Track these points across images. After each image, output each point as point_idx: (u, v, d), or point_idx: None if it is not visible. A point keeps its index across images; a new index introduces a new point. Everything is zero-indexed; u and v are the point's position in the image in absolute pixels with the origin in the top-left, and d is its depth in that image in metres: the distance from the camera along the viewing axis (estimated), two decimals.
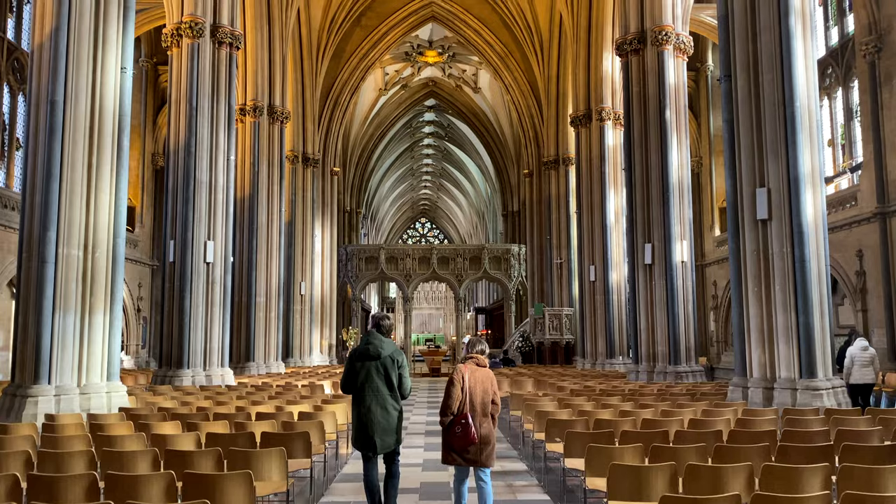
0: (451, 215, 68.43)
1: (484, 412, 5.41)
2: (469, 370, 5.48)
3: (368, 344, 5.67)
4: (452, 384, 5.41)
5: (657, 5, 16.06)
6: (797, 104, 10.00)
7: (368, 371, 5.60)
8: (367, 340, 5.70)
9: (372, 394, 5.57)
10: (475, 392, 5.41)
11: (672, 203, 15.61)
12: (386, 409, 5.56)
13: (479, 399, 5.41)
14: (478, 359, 5.59)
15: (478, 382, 5.45)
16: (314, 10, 27.55)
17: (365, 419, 5.53)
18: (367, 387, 5.58)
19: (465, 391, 5.37)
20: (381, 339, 5.71)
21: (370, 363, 5.62)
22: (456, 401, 5.33)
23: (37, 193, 9.79)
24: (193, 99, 15.07)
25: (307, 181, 27.77)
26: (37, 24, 10.20)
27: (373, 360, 5.62)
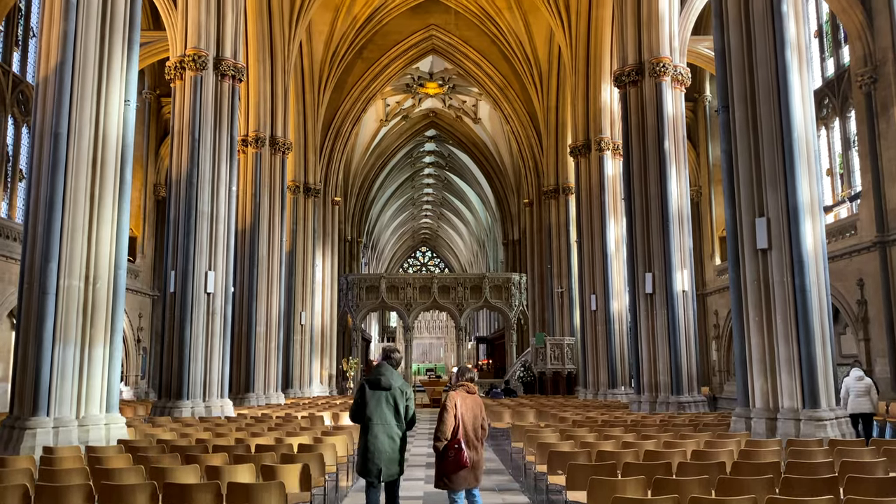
0: (452, 244, 68.53)
1: (476, 436, 5.76)
2: (461, 397, 5.80)
3: (380, 375, 5.92)
4: (446, 410, 5.70)
5: (654, 38, 16.28)
6: (795, 135, 10.08)
7: (378, 401, 5.85)
8: (379, 372, 5.96)
9: (381, 423, 5.80)
10: (466, 418, 5.73)
11: (672, 232, 15.65)
12: (393, 439, 5.79)
13: (470, 424, 5.74)
14: (468, 386, 5.93)
15: (468, 409, 5.79)
16: (316, 44, 27.91)
17: (372, 447, 5.74)
18: (376, 416, 5.82)
19: (458, 417, 5.68)
20: (391, 371, 5.99)
21: (380, 394, 5.87)
22: (449, 427, 5.62)
23: (39, 225, 9.82)
24: (196, 130, 15.20)
25: (308, 211, 27.88)
26: (42, 58, 10.32)
27: (383, 391, 5.88)
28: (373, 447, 5.73)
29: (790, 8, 10.44)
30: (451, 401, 5.75)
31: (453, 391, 5.90)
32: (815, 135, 10.50)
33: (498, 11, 28.13)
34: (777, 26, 10.35)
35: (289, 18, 22.93)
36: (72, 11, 10.19)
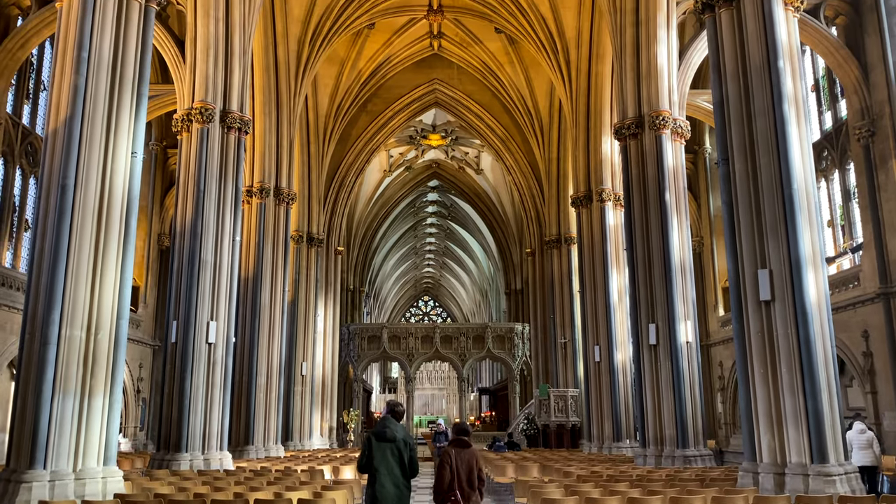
0: (454, 294, 68.45)
1: (471, 486, 6.38)
2: (455, 451, 6.49)
3: (385, 428, 6.44)
4: (442, 466, 6.36)
5: (654, 92, 16.56)
6: (795, 186, 10.16)
7: (384, 452, 6.36)
8: (384, 425, 6.49)
9: (387, 473, 6.31)
10: (461, 470, 6.37)
11: (675, 283, 15.64)
12: (398, 487, 6.32)
13: (465, 476, 6.37)
14: (462, 440, 6.61)
15: (463, 462, 6.43)
16: (321, 97, 28.42)
17: (380, 495, 6.25)
18: (382, 466, 6.34)
19: (454, 470, 6.33)
20: (395, 424, 6.54)
21: (386, 445, 6.38)
22: (446, 481, 6.28)
23: (43, 274, 9.86)
24: (201, 181, 15.36)
25: (311, 261, 27.95)
26: (52, 111, 10.52)
27: (388, 442, 6.38)
28: (380, 495, 6.23)
29: (786, 63, 10.65)
30: (446, 456, 6.43)
31: (448, 446, 6.60)
32: (814, 187, 10.59)
33: (499, 66, 28.70)
34: (774, 80, 10.54)
35: (295, 72, 23.40)
36: (83, 66, 10.44)
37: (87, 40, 10.53)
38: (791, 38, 10.96)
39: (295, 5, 23.21)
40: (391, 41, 28.04)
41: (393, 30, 27.66)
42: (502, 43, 27.81)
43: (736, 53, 11.06)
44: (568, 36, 23.61)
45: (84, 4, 10.61)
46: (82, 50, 10.45)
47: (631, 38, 17.02)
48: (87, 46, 10.51)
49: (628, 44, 17.07)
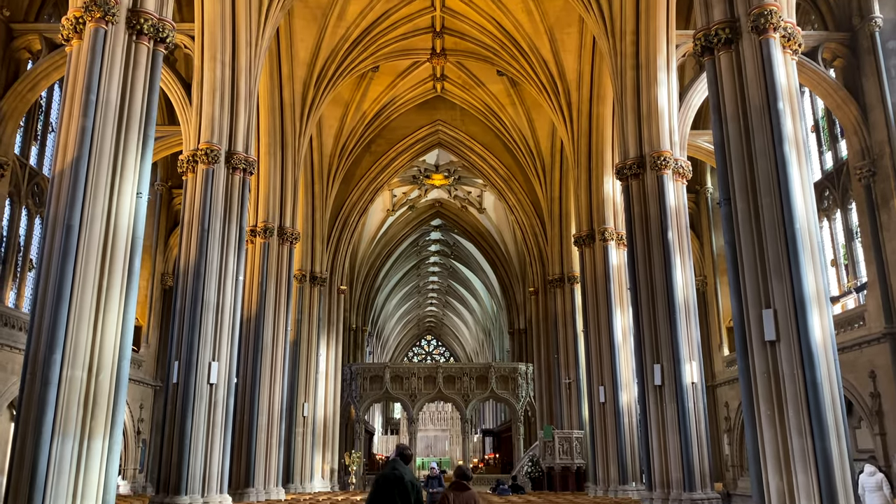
0: (457, 333, 68.15)
1: None
2: (454, 494, 7.19)
3: (394, 469, 6.81)
4: None
5: (655, 132, 16.69)
6: (797, 226, 10.18)
7: (392, 493, 6.66)
8: (393, 467, 6.87)
9: None
10: None
11: (679, 323, 15.55)
12: None
13: None
14: (462, 483, 7.27)
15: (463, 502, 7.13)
16: (326, 138, 28.74)
17: None
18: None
19: None
20: (403, 466, 6.90)
21: (394, 487, 6.68)
22: None
23: (45, 315, 9.86)
24: (205, 222, 15.43)
25: (314, 300, 27.91)
26: (59, 152, 10.64)
27: (397, 484, 6.69)
28: None
29: (786, 104, 10.77)
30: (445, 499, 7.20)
31: (448, 489, 7.32)
32: (817, 226, 10.62)
33: (502, 107, 29.05)
34: (774, 122, 10.65)
35: (300, 114, 23.69)
36: (91, 108, 10.59)
37: (96, 83, 10.70)
38: (790, 80, 11.10)
39: (301, 49, 23.62)
40: (395, 83, 28.46)
41: (397, 72, 28.09)
42: (504, 85, 28.19)
43: (736, 95, 11.19)
44: (569, 78, 23.93)
45: (93, 48, 10.81)
46: (90, 93, 10.62)
47: (631, 81, 17.23)
48: (96, 89, 10.68)
49: (629, 86, 17.27)
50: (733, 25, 11.34)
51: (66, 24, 11.15)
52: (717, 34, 11.45)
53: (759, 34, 11.01)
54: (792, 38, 11.20)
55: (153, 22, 11.51)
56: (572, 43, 23.66)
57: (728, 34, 11.35)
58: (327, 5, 23.10)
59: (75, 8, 11.10)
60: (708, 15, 11.72)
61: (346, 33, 23.88)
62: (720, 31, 11.41)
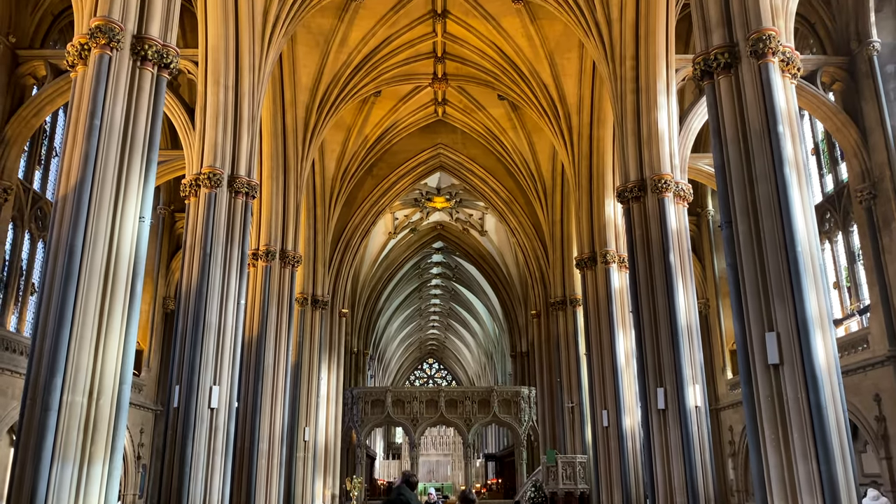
0: (459, 356, 67.90)
1: None
2: None
3: (400, 495, 7.15)
4: None
5: (655, 156, 16.75)
6: (799, 249, 10.18)
7: None
8: (399, 492, 7.21)
9: None
10: None
11: (682, 346, 15.48)
12: None
13: None
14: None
15: None
16: (328, 161, 28.88)
17: None
18: None
19: None
20: (409, 492, 7.24)
21: None
22: None
23: (47, 338, 9.84)
24: (208, 245, 15.45)
25: (315, 323, 27.85)
26: (63, 177, 10.68)
27: None
28: None
29: (786, 128, 10.82)
30: None
31: None
32: (818, 249, 10.61)
33: (503, 131, 29.22)
34: (774, 145, 10.69)
35: (302, 138, 23.83)
36: (95, 133, 10.65)
37: (100, 108, 10.76)
38: (789, 103, 11.16)
39: (303, 74, 23.82)
40: (397, 108, 28.65)
41: (398, 97, 28.30)
42: (505, 109, 28.37)
43: (735, 119, 11.24)
44: (569, 102, 24.09)
45: (98, 74, 10.90)
46: (94, 117, 10.68)
47: (631, 104, 17.33)
48: (100, 114, 10.74)
49: (629, 109, 17.37)
50: (732, 50, 11.42)
51: (71, 50, 11.26)
52: (716, 58, 11.53)
53: (758, 58, 11.09)
54: (791, 63, 11.28)
55: (157, 48, 11.62)
56: (572, 67, 23.85)
57: (727, 58, 11.43)
58: (329, 31, 23.35)
59: (80, 35, 11.21)
60: (707, 40, 11.82)
61: (348, 59, 24.10)
62: (719, 55, 11.49)
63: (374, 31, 23.75)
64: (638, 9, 17.23)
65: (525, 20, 23.16)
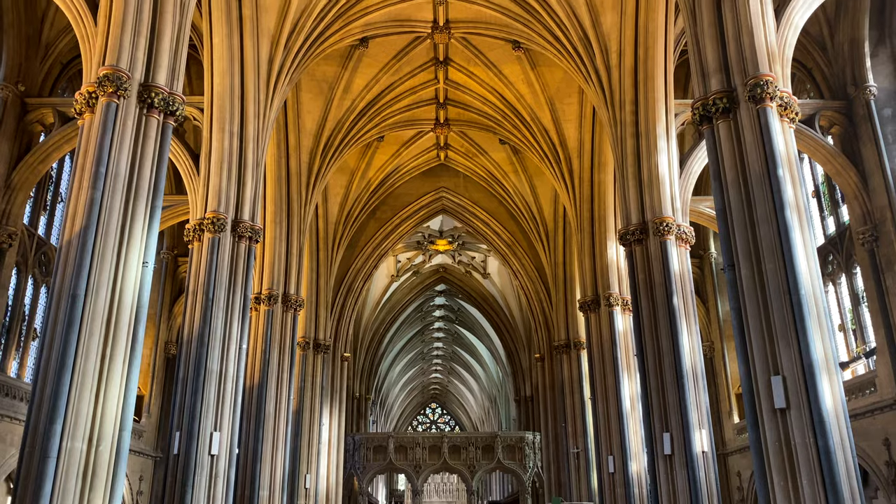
0: (463, 400, 67.23)
1: None
2: None
3: None
4: None
5: (656, 199, 16.82)
6: (802, 292, 10.15)
7: None
8: None
9: None
10: None
11: (687, 390, 15.31)
12: None
13: None
14: None
15: None
16: (331, 205, 29.07)
17: None
18: None
19: None
20: None
21: None
22: None
23: (48, 385, 9.79)
24: (210, 290, 15.46)
25: (317, 368, 27.67)
26: (68, 222, 10.76)
27: None
28: None
29: (786, 171, 10.89)
30: None
31: None
32: (822, 291, 10.58)
33: (504, 175, 29.45)
34: (775, 188, 10.74)
35: (306, 182, 24.03)
36: (100, 179, 10.77)
37: (106, 155, 10.90)
38: (788, 147, 11.25)
39: (308, 120, 24.15)
40: (399, 152, 28.95)
41: (401, 142, 28.62)
42: (506, 153, 28.65)
43: (735, 163, 11.33)
44: (570, 146, 24.32)
45: (105, 122, 11.06)
46: (100, 164, 10.81)
47: (631, 148, 17.49)
48: (106, 161, 10.88)
49: (629, 153, 17.52)
50: (730, 95, 11.57)
51: (79, 98, 11.45)
52: (714, 104, 11.67)
53: (757, 103, 11.22)
54: (789, 107, 11.41)
55: (164, 96, 11.82)
56: (573, 112, 24.15)
57: (726, 103, 11.57)
58: (334, 79, 23.74)
59: (89, 83, 11.42)
60: (705, 85, 11.98)
61: (351, 105, 24.45)
62: (718, 100, 11.63)
63: (378, 78, 24.14)
64: (636, 55, 17.52)
65: (525, 67, 23.55)
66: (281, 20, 18.24)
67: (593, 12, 18.22)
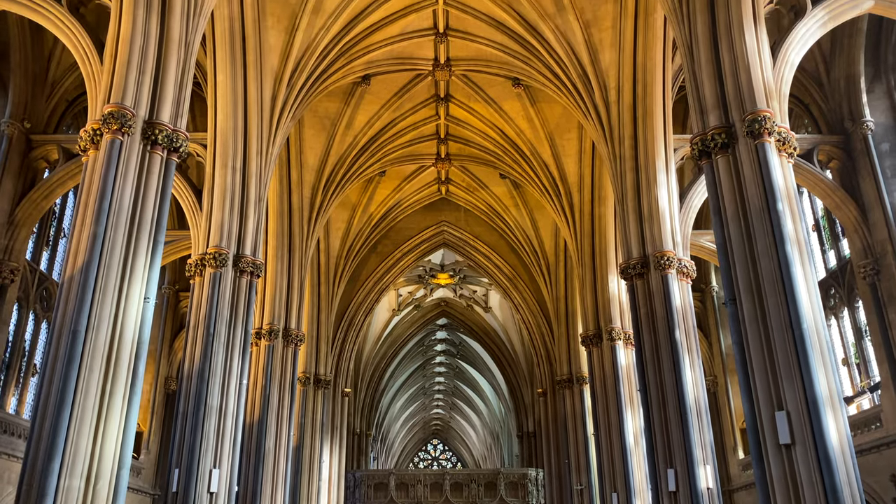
0: (465, 436, 66.52)
1: None
2: None
3: None
4: None
5: (657, 233, 16.86)
6: (804, 326, 10.10)
7: None
8: None
9: None
10: None
11: (691, 425, 15.16)
12: None
13: None
14: None
15: None
16: (333, 239, 29.16)
17: None
18: None
19: None
20: None
21: None
22: None
23: (47, 421, 9.71)
24: (211, 325, 15.42)
25: (318, 403, 27.46)
26: (70, 258, 10.78)
27: None
28: None
29: (785, 206, 10.93)
30: None
31: None
32: (824, 325, 10.54)
33: (505, 209, 29.58)
34: (774, 223, 10.77)
35: (308, 217, 24.13)
36: (103, 215, 10.81)
37: (109, 191, 10.96)
38: (787, 181, 11.30)
39: (310, 155, 24.34)
40: (401, 187, 29.13)
41: (403, 176, 28.81)
42: (507, 187, 28.82)
43: (735, 197, 11.36)
44: (570, 181, 24.47)
45: (109, 158, 11.14)
46: (104, 200, 10.86)
47: (631, 183, 17.58)
48: (109, 197, 10.93)
49: (629, 188, 17.61)
50: (729, 131, 11.65)
51: (83, 135, 11.55)
52: (713, 139, 11.75)
53: (755, 139, 11.30)
54: (787, 142, 11.50)
55: (168, 133, 11.93)
56: (572, 147, 24.33)
57: (724, 139, 11.64)
58: (336, 115, 23.99)
59: (94, 120, 11.54)
60: (703, 121, 12.09)
61: (353, 140, 24.67)
62: (716, 136, 11.71)
63: (380, 114, 24.39)
64: (635, 91, 17.72)
65: (525, 103, 23.80)
66: (284, 59, 18.51)
67: (592, 50, 18.48)
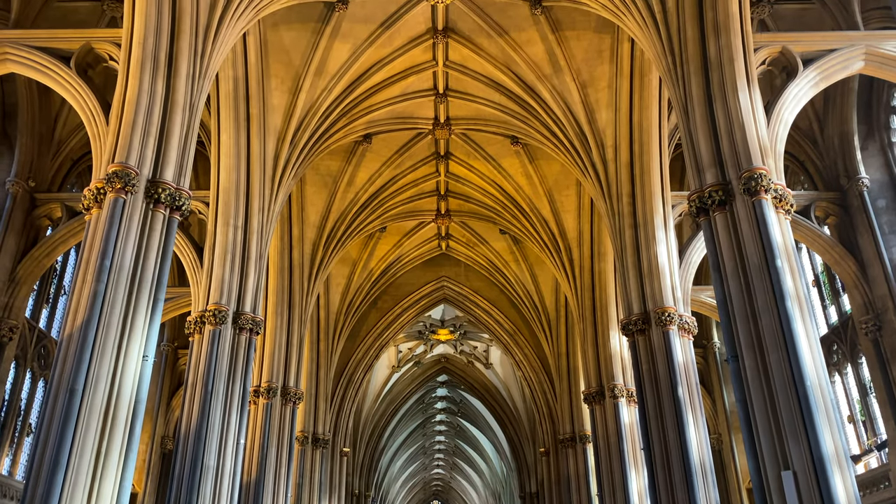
0: (466, 497, 65.10)
1: None
2: None
3: None
4: None
5: (657, 289, 16.85)
6: (808, 383, 10.00)
7: None
8: None
9: None
10: None
11: (696, 485, 14.86)
12: None
13: None
14: None
15: None
16: (333, 295, 29.12)
17: None
18: None
19: None
20: None
21: None
22: None
23: (40, 484, 9.51)
24: (209, 383, 15.27)
25: (316, 463, 26.96)
26: (70, 316, 10.74)
27: None
28: None
29: (784, 262, 10.95)
30: None
31: None
32: (828, 382, 10.43)
33: (505, 264, 29.64)
34: (774, 279, 10.77)
35: (308, 273, 24.15)
36: (104, 273, 10.82)
37: (111, 249, 10.99)
38: (785, 238, 11.35)
39: (311, 212, 24.53)
40: (401, 242, 29.26)
41: (403, 232, 28.97)
42: (507, 243, 28.94)
43: (734, 254, 11.40)
44: (569, 237, 24.58)
45: (112, 216, 11.22)
46: (105, 258, 10.89)
47: (630, 239, 17.66)
48: (111, 255, 10.96)
49: (628, 244, 17.68)
50: (726, 188, 11.76)
51: (87, 194, 11.65)
52: (710, 196, 11.85)
53: (752, 196, 11.40)
54: (783, 199, 11.60)
55: (170, 191, 12.04)
56: (571, 203, 24.53)
57: (721, 196, 11.74)
58: (337, 173, 24.27)
59: (98, 179, 11.66)
60: (700, 179, 12.22)
61: (355, 197, 24.89)
62: (713, 193, 11.81)
63: (381, 171, 24.68)
64: (632, 149, 17.96)
65: (524, 160, 24.10)
66: (287, 118, 18.84)
67: (589, 110, 18.82)
